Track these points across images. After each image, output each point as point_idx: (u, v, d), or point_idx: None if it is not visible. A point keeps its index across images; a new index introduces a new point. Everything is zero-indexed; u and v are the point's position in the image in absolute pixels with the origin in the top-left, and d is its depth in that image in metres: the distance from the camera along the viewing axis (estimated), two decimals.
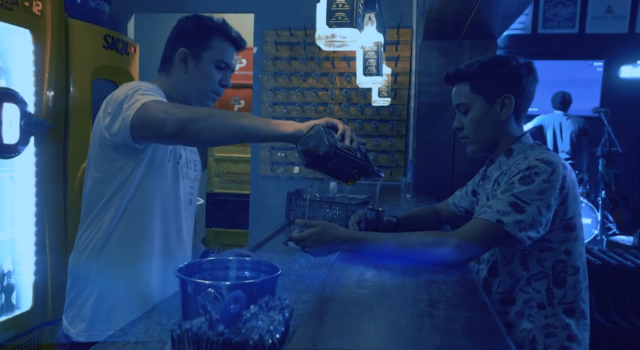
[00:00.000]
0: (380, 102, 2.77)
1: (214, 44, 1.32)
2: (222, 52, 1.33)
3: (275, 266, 1.04)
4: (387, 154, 3.21)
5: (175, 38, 1.35)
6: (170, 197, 1.31)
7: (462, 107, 1.37)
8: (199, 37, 1.32)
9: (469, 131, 1.36)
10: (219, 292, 0.90)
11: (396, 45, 3.14)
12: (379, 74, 1.71)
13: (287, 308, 0.71)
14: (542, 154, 1.23)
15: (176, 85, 1.34)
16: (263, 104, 3.34)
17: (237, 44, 1.37)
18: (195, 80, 1.33)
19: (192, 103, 1.36)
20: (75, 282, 1.28)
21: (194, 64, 1.32)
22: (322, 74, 3.25)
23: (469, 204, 1.56)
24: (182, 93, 1.35)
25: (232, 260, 1.08)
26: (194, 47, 1.32)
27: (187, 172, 1.37)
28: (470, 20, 2.31)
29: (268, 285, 0.94)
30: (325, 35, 1.04)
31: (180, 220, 1.36)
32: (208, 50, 1.32)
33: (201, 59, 1.32)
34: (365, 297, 0.83)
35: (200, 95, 1.35)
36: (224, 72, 1.37)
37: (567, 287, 1.23)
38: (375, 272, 1.01)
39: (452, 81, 1.41)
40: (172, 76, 1.34)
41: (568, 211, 1.22)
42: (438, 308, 0.79)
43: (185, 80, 1.33)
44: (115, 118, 1.14)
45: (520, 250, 1.25)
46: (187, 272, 1.01)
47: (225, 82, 1.37)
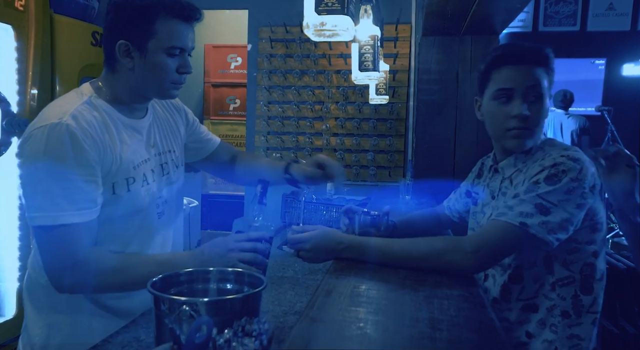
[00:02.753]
0: (378, 100, 2.68)
1: (158, 27, 1.08)
2: (171, 35, 1.09)
3: (260, 278, 0.95)
4: (385, 154, 3.11)
5: (110, 28, 1.11)
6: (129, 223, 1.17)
7: (535, 92, 1.19)
8: (138, 23, 1.08)
9: (535, 121, 1.19)
10: (194, 310, 0.81)
11: (394, 42, 3.05)
12: (375, 69, 1.61)
13: (264, 334, 0.62)
14: (567, 150, 1.14)
15: (126, 84, 1.13)
16: (258, 102, 3.25)
17: (188, 16, 1.11)
18: (147, 76, 1.11)
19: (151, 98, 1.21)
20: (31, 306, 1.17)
21: (140, 56, 1.09)
22: (318, 71, 3.15)
23: (463, 206, 1.49)
24: (135, 92, 1.15)
25: (212, 271, 0.99)
26: (135, 36, 1.08)
27: (149, 188, 1.20)
28: (472, 15, 2.22)
29: (250, 300, 0.85)
30: (314, 23, 0.95)
31: (149, 237, 1.23)
32: (153, 38, 1.08)
33: (147, 50, 1.09)
34: (358, 316, 0.74)
35: (158, 91, 1.16)
36: (181, 57, 1.13)
37: (594, 293, 1.14)
38: (370, 285, 0.92)
39: (532, 61, 1.21)
40: (118, 74, 1.12)
41: (598, 211, 1.13)
42: (440, 329, 0.70)
43: (135, 78, 1.11)
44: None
45: (544, 252, 1.14)
46: (162, 286, 0.91)
47: (184, 68, 1.14)
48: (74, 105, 1.06)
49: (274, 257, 2.07)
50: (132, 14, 1.08)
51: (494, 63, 1.22)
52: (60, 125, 1.01)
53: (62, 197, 1.00)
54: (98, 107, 1.11)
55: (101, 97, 1.13)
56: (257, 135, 3.26)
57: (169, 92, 1.15)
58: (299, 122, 3.19)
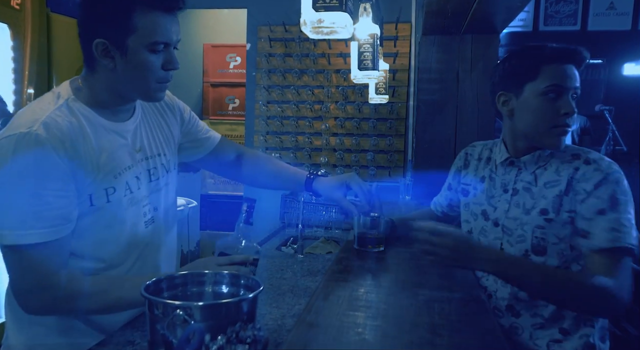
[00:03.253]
0: (378, 99, 2.66)
1: (138, 21, 0.97)
2: (153, 30, 0.99)
3: (257, 281, 0.93)
4: (385, 154, 3.09)
5: (85, 26, 1.01)
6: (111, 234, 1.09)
7: (578, 92, 1.23)
8: (114, 18, 0.97)
9: (574, 120, 1.26)
10: (188, 314, 0.79)
11: (394, 41, 3.03)
12: (374, 68, 1.59)
13: (260, 340, 0.60)
14: (604, 158, 1.21)
15: (108, 85, 1.03)
16: (257, 102, 3.23)
17: (169, 6, 1.00)
18: (130, 76, 1.01)
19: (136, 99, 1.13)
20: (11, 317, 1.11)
21: (121, 55, 0.99)
22: (317, 71, 3.13)
23: (446, 199, 1.54)
24: (118, 94, 1.05)
25: (207, 274, 0.96)
26: (112, 33, 0.98)
27: (133, 197, 1.11)
28: (472, 13, 2.19)
29: (246, 304, 0.83)
30: (312, 20, 0.93)
31: (135, 248, 1.15)
32: (132, 34, 0.97)
33: (128, 48, 0.98)
34: (356, 321, 0.72)
35: (144, 92, 1.06)
36: (166, 53, 1.03)
37: None
38: (369, 289, 0.89)
39: (579, 61, 1.24)
40: (98, 75, 1.02)
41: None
42: (441, 335, 0.68)
43: (117, 79, 1.02)
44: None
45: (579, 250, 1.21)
46: (155, 289, 0.89)
47: (170, 64, 1.04)
48: (47, 111, 0.97)
49: (272, 257, 2.05)
50: (107, 9, 0.97)
51: (546, 58, 1.22)
52: (29, 136, 0.92)
53: (29, 214, 0.93)
54: (75, 112, 1.01)
55: (80, 99, 1.03)
56: (256, 135, 3.24)
57: (155, 93, 1.06)
58: (298, 121, 3.17)
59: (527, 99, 1.24)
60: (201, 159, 1.41)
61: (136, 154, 1.12)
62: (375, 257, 1.18)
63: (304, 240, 2.20)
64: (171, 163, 1.25)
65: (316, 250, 2.18)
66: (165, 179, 1.22)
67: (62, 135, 0.95)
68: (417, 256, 1.20)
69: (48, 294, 0.97)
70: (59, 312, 1.04)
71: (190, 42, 4.30)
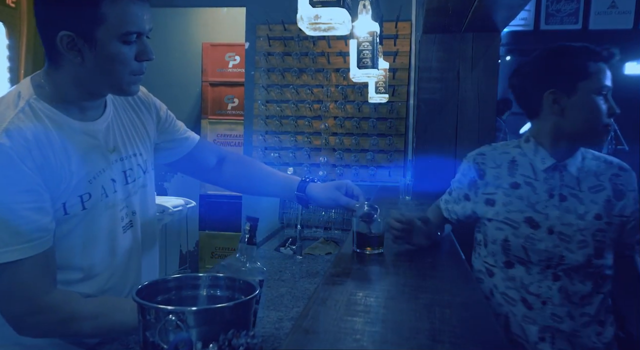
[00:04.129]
0: (378, 99, 2.63)
1: (107, 10, 0.89)
2: (124, 19, 0.91)
3: (253, 284, 0.90)
4: (385, 153, 3.06)
5: (47, 18, 0.92)
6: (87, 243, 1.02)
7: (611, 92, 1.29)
8: (80, 8, 0.89)
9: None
10: (181, 320, 0.77)
11: (394, 40, 3.00)
12: (374, 66, 1.57)
13: (253, 349, 0.57)
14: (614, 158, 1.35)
15: (75, 81, 0.95)
16: (255, 101, 3.20)
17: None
18: (101, 70, 0.93)
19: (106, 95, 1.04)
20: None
21: (90, 48, 0.91)
22: (317, 70, 3.10)
23: (465, 210, 1.42)
24: (87, 89, 0.97)
25: (202, 277, 0.94)
26: (79, 25, 0.89)
27: (109, 201, 1.04)
28: (473, 11, 2.17)
29: (241, 309, 0.81)
30: (309, 16, 0.90)
31: (112, 256, 1.08)
32: (101, 24, 0.89)
33: (97, 40, 0.90)
34: (354, 327, 0.69)
35: (116, 86, 0.98)
36: (139, 43, 0.96)
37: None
38: (367, 292, 0.87)
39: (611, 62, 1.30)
40: (64, 69, 0.94)
41: None
42: (442, 341, 0.65)
43: (86, 73, 0.93)
44: None
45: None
46: (148, 293, 0.87)
47: (144, 55, 0.97)
48: (8, 117, 0.89)
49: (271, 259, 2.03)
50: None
51: (596, 58, 1.26)
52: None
53: (4, 231, 0.86)
54: (39, 113, 0.92)
55: (43, 98, 0.94)
56: (255, 135, 3.21)
57: (129, 87, 0.98)
58: (297, 121, 3.14)
59: (582, 97, 1.25)
60: (178, 161, 1.32)
61: (110, 155, 1.05)
62: (375, 259, 1.16)
63: (302, 241, 2.17)
64: (148, 163, 1.17)
65: (315, 251, 2.16)
66: (143, 181, 1.15)
67: (27, 143, 0.88)
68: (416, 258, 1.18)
69: (42, 317, 0.91)
70: (56, 335, 0.99)
71: (188, 41, 4.27)
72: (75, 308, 0.93)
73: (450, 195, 1.47)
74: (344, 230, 2.49)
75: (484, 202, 1.36)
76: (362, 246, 1.23)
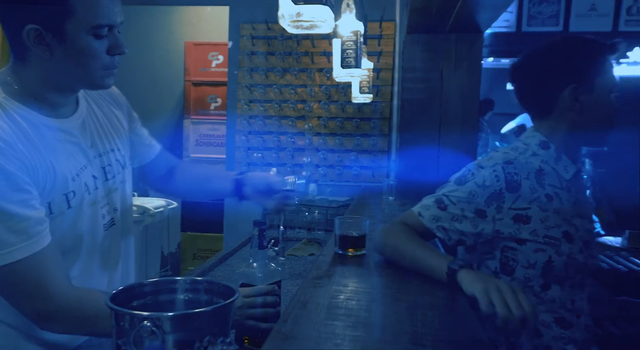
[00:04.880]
0: (362, 99, 2.62)
1: (76, 2, 0.86)
2: (94, 12, 0.88)
3: (232, 289, 0.88)
4: (369, 154, 3.06)
5: (12, 10, 0.88)
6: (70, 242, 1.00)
7: None
8: (48, 0, 0.86)
9: None
10: (156, 326, 0.74)
11: (378, 40, 3.00)
12: (357, 66, 1.55)
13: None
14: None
15: (44, 77, 0.92)
16: (239, 101, 3.17)
17: None
18: (72, 65, 0.90)
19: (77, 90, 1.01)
20: None
21: (59, 42, 0.88)
22: (300, 69, 3.09)
23: (476, 228, 1.15)
24: (56, 85, 0.94)
25: (180, 280, 0.91)
26: (46, 18, 0.86)
27: (91, 199, 1.02)
28: (456, 12, 2.17)
29: (220, 313, 0.78)
30: (290, 14, 0.88)
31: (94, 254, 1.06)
32: (71, 18, 0.87)
33: (66, 33, 0.87)
34: (335, 331, 0.68)
35: (89, 81, 0.95)
36: (110, 36, 0.92)
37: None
38: (350, 295, 0.85)
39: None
40: (31, 65, 0.90)
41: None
42: (424, 345, 0.64)
43: (55, 69, 0.91)
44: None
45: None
46: (124, 298, 0.84)
47: (116, 48, 0.93)
48: None
49: None
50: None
51: (610, 53, 1.20)
52: None
53: (5, 231, 0.84)
54: (12, 113, 0.89)
55: (11, 96, 0.91)
56: (238, 135, 3.18)
57: (102, 81, 0.95)
58: (281, 121, 3.12)
59: (600, 94, 1.18)
60: (139, 168, 1.29)
61: (89, 151, 1.03)
62: (357, 261, 1.15)
63: (285, 242, 2.15)
64: (126, 158, 1.15)
65: (298, 252, 2.14)
66: (122, 176, 1.13)
67: (6, 145, 0.85)
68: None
69: (65, 315, 0.90)
70: (79, 332, 0.98)
71: (171, 40, 4.22)
72: (100, 306, 0.89)
73: (446, 211, 1.16)
74: (327, 231, 2.47)
75: (513, 219, 1.14)
76: (345, 247, 1.22)
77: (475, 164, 1.22)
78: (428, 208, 1.18)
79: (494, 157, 1.21)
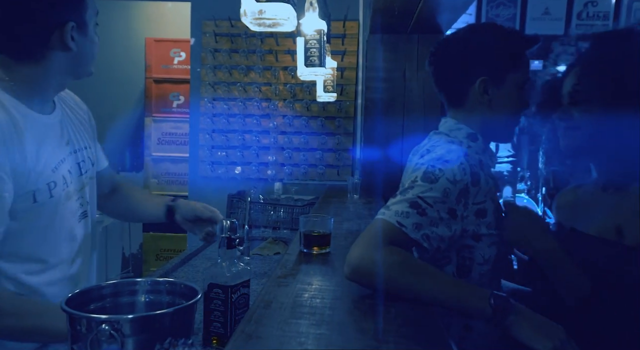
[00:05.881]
0: (326, 97, 2.63)
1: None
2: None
3: (195, 289, 0.87)
4: (334, 152, 3.07)
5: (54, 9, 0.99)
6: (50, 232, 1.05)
7: None
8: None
9: None
10: (115, 329, 0.72)
11: (342, 39, 3.01)
12: (321, 65, 1.56)
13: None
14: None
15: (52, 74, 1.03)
16: (202, 99, 3.12)
17: None
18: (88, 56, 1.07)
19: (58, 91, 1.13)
20: None
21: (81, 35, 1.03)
22: (265, 67, 3.07)
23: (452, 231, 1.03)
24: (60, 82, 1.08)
25: (140, 282, 0.89)
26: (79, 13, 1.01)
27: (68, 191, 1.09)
28: (418, 12, 2.21)
29: (182, 315, 0.77)
30: (252, 11, 0.88)
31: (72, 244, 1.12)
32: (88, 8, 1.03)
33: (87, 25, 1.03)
34: (299, 330, 0.68)
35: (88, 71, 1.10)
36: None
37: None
38: (314, 293, 0.86)
39: None
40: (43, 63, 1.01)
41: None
42: (387, 341, 0.65)
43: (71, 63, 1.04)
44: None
45: None
46: (80, 301, 0.81)
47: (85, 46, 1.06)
48: None
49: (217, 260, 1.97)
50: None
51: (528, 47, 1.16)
52: None
53: None
54: (4, 104, 0.96)
55: (5, 90, 0.99)
56: (202, 133, 3.13)
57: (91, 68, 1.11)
58: (245, 119, 3.09)
59: (509, 89, 1.14)
60: None
61: (66, 147, 1.11)
62: (322, 259, 1.15)
63: (251, 242, 2.14)
64: (95, 156, 1.26)
65: (264, 251, 2.13)
66: (92, 172, 1.22)
67: (2, 133, 0.92)
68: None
69: None
70: None
71: (131, 36, 4.11)
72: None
73: (425, 215, 0.99)
74: (293, 230, 2.47)
75: (475, 215, 1.07)
76: (309, 246, 1.22)
77: (438, 158, 1.07)
78: (407, 215, 0.97)
79: (453, 150, 1.10)
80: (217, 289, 1.02)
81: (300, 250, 1.22)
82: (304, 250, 1.22)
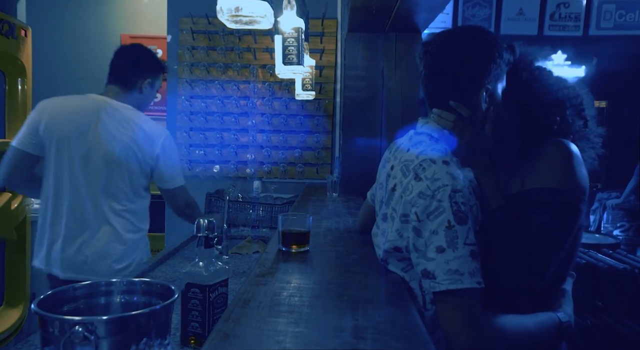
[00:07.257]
0: (305, 96, 2.63)
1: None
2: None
3: (171, 289, 0.86)
4: (313, 151, 3.07)
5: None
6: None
7: None
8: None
9: None
10: (89, 331, 0.71)
11: (321, 37, 3.01)
12: (300, 63, 1.55)
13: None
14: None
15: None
16: (179, 97, 3.08)
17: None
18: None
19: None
20: None
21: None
22: (243, 65, 3.04)
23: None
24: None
25: (115, 282, 0.88)
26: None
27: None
28: (396, 11, 2.22)
29: (157, 315, 0.76)
30: (229, 8, 0.87)
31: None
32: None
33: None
34: (277, 328, 0.68)
35: None
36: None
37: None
38: (292, 291, 0.86)
39: None
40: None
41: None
42: (364, 338, 0.65)
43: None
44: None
45: None
46: (52, 303, 0.80)
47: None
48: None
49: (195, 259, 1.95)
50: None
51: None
52: None
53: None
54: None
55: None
56: (179, 132, 3.09)
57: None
58: (223, 117, 3.07)
59: (498, 101, 1.10)
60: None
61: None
62: (301, 257, 1.15)
63: (229, 240, 2.12)
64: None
65: (242, 250, 2.12)
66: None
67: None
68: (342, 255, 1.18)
69: None
70: None
71: (106, 32, 4.03)
72: None
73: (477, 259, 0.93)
74: (272, 228, 2.46)
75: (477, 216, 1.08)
76: (288, 244, 1.22)
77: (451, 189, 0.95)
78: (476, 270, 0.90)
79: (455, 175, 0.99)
80: (195, 289, 1.02)
81: (279, 248, 1.22)
82: (282, 249, 1.22)
